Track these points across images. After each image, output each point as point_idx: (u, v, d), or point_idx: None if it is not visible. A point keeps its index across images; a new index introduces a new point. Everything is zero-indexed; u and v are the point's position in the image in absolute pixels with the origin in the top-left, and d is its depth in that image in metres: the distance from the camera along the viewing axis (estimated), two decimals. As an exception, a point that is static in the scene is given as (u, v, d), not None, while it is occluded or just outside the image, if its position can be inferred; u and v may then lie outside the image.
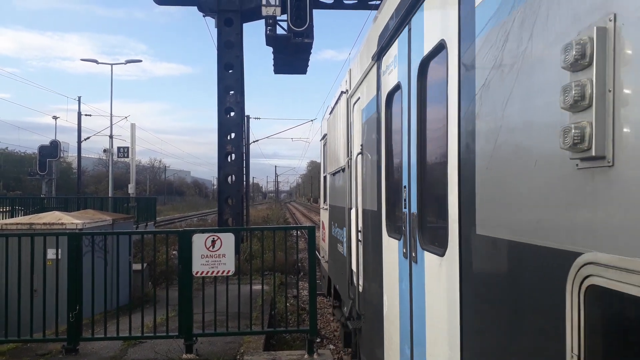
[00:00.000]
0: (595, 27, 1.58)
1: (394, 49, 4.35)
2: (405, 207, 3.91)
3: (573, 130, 1.61)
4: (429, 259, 3.35)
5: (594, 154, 1.57)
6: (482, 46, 2.44)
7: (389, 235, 4.58)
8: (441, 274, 3.07)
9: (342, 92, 7.47)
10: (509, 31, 2.17)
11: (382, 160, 4.83)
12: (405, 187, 3.92)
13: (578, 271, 1.65)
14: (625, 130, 1.49)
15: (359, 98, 6.19)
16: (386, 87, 4.65)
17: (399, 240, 4.16)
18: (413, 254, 3.73)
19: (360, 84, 6.07)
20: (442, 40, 3.03)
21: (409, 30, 3.84)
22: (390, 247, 4.50)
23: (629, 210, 1.47)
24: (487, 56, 2.38)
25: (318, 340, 9.32)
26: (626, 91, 1.49)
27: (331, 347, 9.73)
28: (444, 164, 2.96)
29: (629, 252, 1.45)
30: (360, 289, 6.12)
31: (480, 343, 2.54)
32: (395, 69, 4.31)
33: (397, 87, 4.21)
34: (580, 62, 1.61)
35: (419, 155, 3.54)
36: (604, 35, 1.56)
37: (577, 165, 1.67)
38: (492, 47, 2.33)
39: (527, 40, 2.01)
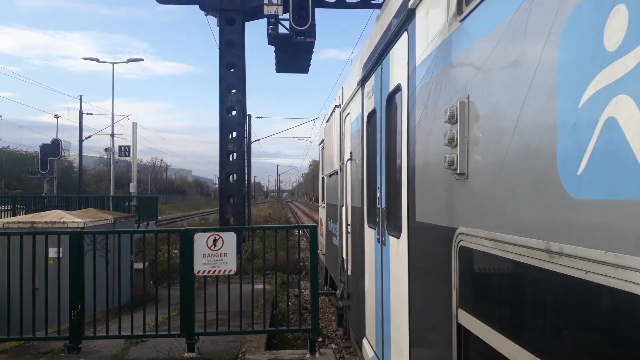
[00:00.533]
0: (459, 101, 2.69)
1: (372, 80, 5.43)
2: (378, 204, 5.04)
3: (448, 158, 2.75)
4: (392, 241, 4.44)
5: (458, 172, 2.70)
6: (419, 94, 3.52)
7: (369, 226, 5.65)
8: (398, 251, 4.20)
9: (335, 106, 8.54)
10: (430, 89, 3.26)
11: (364, 167, 5.85)
12: (378, 188, 5.06)
13: (456, 238, 2.72)
14: (474, 159, 2.60)
15: (348, 113, 7.25)
16: (367, 109, 5.69)
17: (375, 229, 5.24)
18: (383, 239, 4.85)
19: (349, 102, 7.16)
20: (399, 83, 4.10)
21: (381, 69, 4.88)
22: (369, 235, 5.59)
23: (475, 203, 2.59)
24: (420, 102, 3.47)
25: (320, 339, 9.34)
26: (474, 137, 2.60)
27: (333, 346, 9.72)
28: (400, 171, 4.09)
29: (477, 226, 2.51)
30: (349, 272, 7.10)
31: (416, 292, 3.71)
32: (372, 96, 5.36)
33: (374, 111, 5.24)
34: (452, 120, 2.72)
35: (387, 164, 4.72)
36: (463, 106, 2.67)
37: (455, 177, 2.76)
38: (423, 98, 3.42)
39: (437, 97, 3.11)
